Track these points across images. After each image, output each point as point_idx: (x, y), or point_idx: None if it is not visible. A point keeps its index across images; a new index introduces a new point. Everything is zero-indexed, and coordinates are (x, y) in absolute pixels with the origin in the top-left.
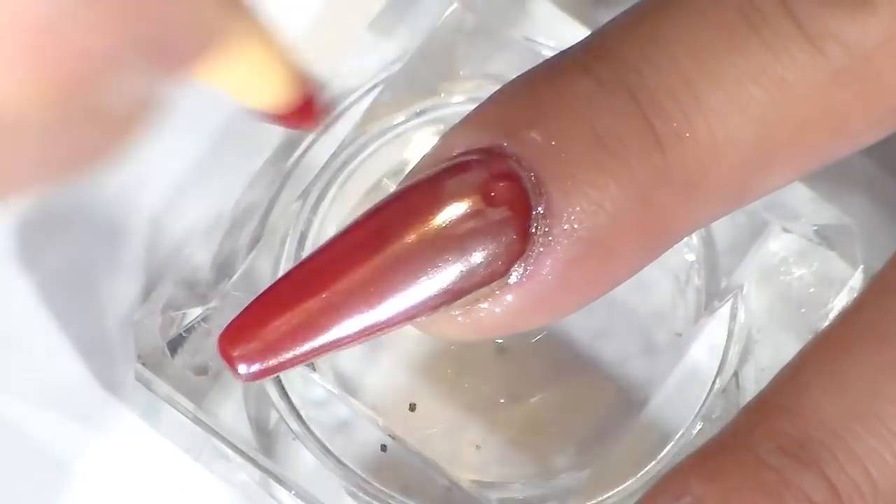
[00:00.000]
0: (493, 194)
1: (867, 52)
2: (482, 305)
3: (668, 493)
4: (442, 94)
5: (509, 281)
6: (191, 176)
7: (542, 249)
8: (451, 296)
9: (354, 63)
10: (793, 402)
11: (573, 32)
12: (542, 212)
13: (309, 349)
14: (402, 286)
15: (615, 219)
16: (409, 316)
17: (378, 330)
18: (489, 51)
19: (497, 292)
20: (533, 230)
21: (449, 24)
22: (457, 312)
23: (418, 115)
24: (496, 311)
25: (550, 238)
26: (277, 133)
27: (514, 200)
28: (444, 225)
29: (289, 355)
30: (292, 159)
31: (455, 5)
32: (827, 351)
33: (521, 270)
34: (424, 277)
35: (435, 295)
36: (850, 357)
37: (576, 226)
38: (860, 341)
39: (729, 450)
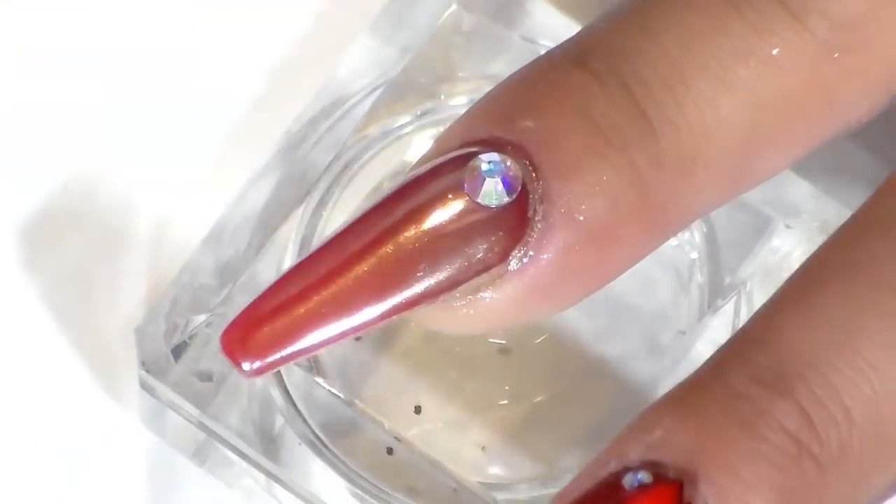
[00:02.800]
0: None
1: (851, 22)
2: (483, 294)
3: (641, 430)
4: (442, 96)
5: (509, 268)
6: (193, 181)
7: (540, 235)
8: (451, 283)
9: (354, 65)
10: (768, 335)
11: (572, 32)
12: (539, 197)
13: (313, 342)
14: (402, 276)
15: (613, 204)
16: (409, 304)
17: (380, 320)
18: (488, 52)
19: (498, 280)
20: (530, 215)
21: (448, 25)
22: (458, 304)
23: (419, 117)
24: (497, 298)
25: (549, 223)
26: (278, 138)
27: None
28: (442, 214)
29: (293, 349)
30: (293, 163)
31: (454, 6)
32: (803, 285)
33: (520, 257)
34: (424, 266)
35: (435, 283)
36: (826, 291)
37: (573, 210)
38: (837, 276)
39: (702, 384)
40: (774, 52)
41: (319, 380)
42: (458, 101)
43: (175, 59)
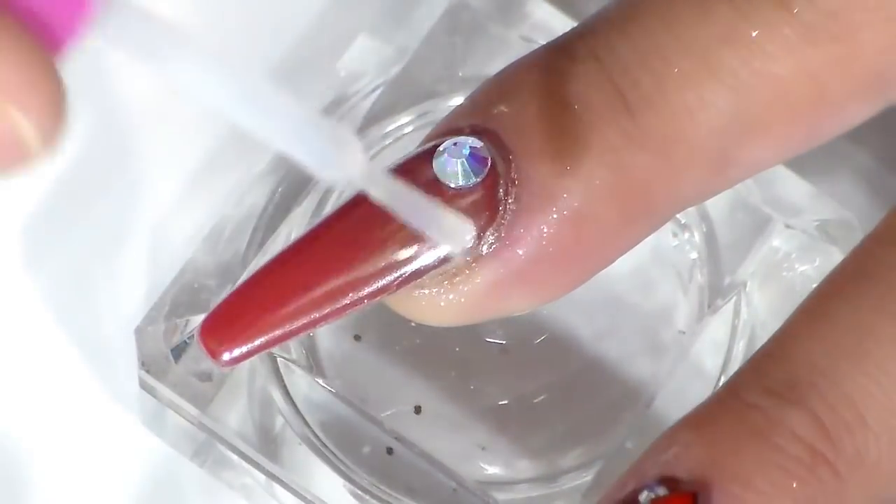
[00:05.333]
0: None
1: (837, 10)
2: (458, 279)
3: (657, 449)
4: (441, 96)
5: (482, 252)
6: (192, 182)
7: (512, 217)
8: (424, 268)
9: (353, 66)
10: (780, 348)
11: None
12: (512, 179)
13: (285, 331)
14: (371, 262)
15: (587, 185)
16: (382, 290)
17: (351, 307)
18: (487, 51)
19: (473, 265)
20: (501, 195)
21: (447, 25)
22: (436, 290)
23: (418, 117)
24: (475, 282)
25: (520, 204)
26: None
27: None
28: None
29: (267, 337)
30: (292, 164)
31: (453, 7)
32: (815, 300)
33: (492, 239)
34: (396, 249)
35: (407, 269)
36: (837, 300)
37: (546, 192)
38: (847, 285)
39: (716, 399)
40: (758, 36)
41: (319, 380)
42: (458, 101)
43: None
